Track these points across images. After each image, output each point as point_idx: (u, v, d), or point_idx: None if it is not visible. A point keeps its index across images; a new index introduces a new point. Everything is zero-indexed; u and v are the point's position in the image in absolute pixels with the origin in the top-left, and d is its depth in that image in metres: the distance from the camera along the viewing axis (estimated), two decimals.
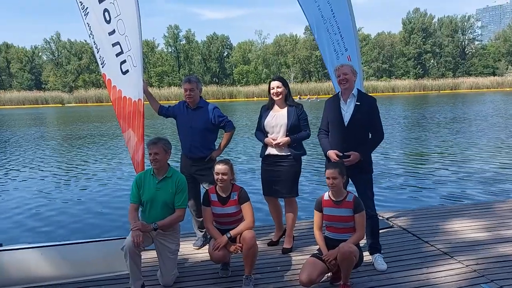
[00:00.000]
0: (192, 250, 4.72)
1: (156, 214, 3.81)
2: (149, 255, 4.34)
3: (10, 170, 11.98)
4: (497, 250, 4.39)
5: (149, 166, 3.92)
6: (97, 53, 4.68)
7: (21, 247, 3.90)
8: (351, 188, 4.12)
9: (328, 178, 3.63)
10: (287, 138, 4.38)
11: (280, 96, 4.44)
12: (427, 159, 11.80)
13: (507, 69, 78.44)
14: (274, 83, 4.46)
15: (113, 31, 4.42)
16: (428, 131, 16.78)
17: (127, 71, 4.44)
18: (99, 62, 4.69)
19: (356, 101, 4.15)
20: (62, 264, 3.89)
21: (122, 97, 4.55)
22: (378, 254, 4.22)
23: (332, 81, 5.28)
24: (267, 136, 4.49)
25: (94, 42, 4.64)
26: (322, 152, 4.35)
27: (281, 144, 4.38)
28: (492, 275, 3.83)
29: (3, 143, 18.26)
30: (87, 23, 4.63)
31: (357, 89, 4.24)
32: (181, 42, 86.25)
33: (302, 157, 4.58)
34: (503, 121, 20.37)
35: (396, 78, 78.03)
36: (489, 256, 4.25)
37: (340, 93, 4.26)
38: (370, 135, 4.22)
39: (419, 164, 11.12)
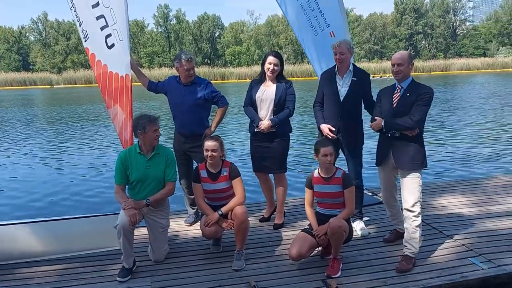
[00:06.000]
0: (183, 227, 4.72)
1: (148, 192, 3.78)
2: (138, 232, 4.33)
3: None
4: (484, 225, 4.45)
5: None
6: (80, 26, 4.53)
7: (9, 223, 3.87)
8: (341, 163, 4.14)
9: (325, 155, 3.60)
10: (268, 122, 4.33)
11: (274, 74, 4.38)
12: None
13: (498, 50, 78.55)
14: (272, 60, 4.34)
15: (97, 4, 4.29)
16: None
17: (112, 45, 4.33)
18: (82, 36, 4.56)
19: (353, 77, 4.18)
20: (50, 240, 3.88)
21: (108, 72, 4.44)
22: (359, 220, 4.46)
23: (310, 61, 5.22)
24: (257, 111, 4.44)
25: (76, 15, 4.50)
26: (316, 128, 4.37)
27: (263, 129, 4.33)
28: (480, 249, 3.89)
29: None
30: None
31: (353, 64, 4.25)
32: (172, 22, 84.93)
33: (291, 134, 4.57)
34: (492, 102, 20.48)
35: (387, 59, 77.72)
36: (477, 231, 4.31)
37: (336, 68, 4.25)
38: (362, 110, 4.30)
39: None
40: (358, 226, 4.38)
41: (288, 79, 4.53)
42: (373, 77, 46.69)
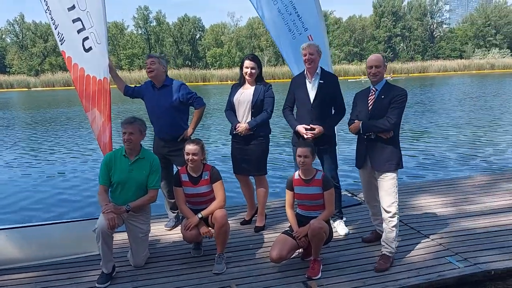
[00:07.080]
0: (164, 231, 4.68)
1: (129, 196, 3.74)
2: (119, 237, 4.28)
3: None
4: (461, 224, 4.54)
5: (118, 146, 3.84)
6: (55, 29, 4.46)
7: None
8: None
9: (299, 156, 3.65)
10: (245, 125, 4.35)
11: (252, 77, 4.41)
12: None
13: (474, 52, 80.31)
14: (249, 63, 4.38)
15: (73, 7, 4.23)
16: None
17: (90, 48, 4.28)
18: (58, 39, 4.48)
19: (320, 80, 4.24)
20: (28, 246, 3.80)
21: (85, 75, 4.39)
22: (340, 220, 4.51)
23: (287, 64, 5.28)
24: (236, 113, 4.47)
25: (51, 18, 4.42)
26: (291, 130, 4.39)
27: (240, 132, 4.35)
28: (457, 248, 3.97)
29: None
30: None
31: (320, 67, 4.31)
32: (152, 24, 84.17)
33: (272, 136, 4.60)
34: (466, 103, 20.93)
35: None
36: (453, 230, 4.40)
37: (306, 72, 4.30)
38: (333, 111, 4.37)
39: None
40: (338, 226, 4.43)
41: (268, 81, 4.56)
42: (356, 79, 47.19)
